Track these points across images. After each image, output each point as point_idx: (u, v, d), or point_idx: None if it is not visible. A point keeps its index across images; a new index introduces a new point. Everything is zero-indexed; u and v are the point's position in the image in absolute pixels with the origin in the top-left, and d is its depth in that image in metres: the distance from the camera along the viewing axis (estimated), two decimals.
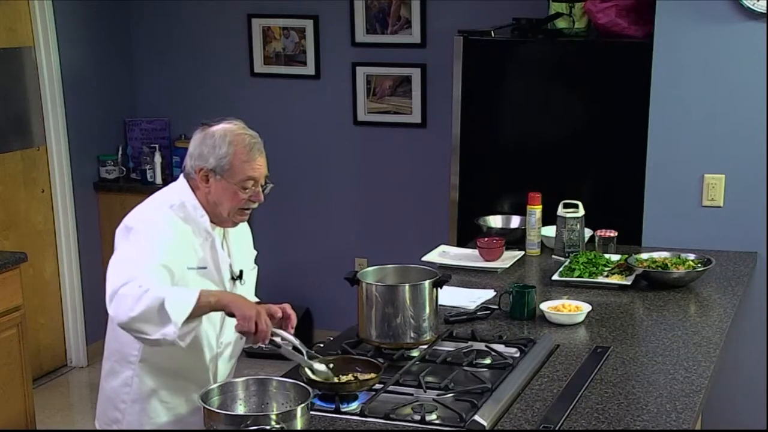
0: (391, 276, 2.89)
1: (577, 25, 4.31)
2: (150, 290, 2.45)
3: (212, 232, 2.71)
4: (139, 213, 2.69)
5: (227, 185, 2.67)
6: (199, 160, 2.68)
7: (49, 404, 4.99)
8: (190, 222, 2.68)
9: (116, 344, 2.75)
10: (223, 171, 2.66)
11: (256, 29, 5.61)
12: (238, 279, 2.79)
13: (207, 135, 2.69)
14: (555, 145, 4.25)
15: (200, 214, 2.69)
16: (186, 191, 2.71)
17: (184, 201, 2.69)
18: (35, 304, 5.11)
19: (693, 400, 2.54)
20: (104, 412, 2.82)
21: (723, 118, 3.87)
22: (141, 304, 2.43)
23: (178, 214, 2.67)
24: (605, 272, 3.54)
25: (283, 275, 5.83)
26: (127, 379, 2.74)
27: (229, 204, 2.69)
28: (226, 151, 2.65)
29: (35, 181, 5.29)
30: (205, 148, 2.67)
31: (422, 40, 5.33)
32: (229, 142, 2.67)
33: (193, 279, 2.65)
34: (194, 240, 2.68)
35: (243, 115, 5.92)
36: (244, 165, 2.67)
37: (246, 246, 2.92)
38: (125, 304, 2.45)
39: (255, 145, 2.71)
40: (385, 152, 5.55)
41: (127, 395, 2.75)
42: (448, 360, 2.75)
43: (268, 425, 2.19)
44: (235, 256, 2.81)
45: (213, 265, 2.71)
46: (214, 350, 2.76)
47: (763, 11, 3.72)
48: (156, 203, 2.72)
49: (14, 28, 5.11)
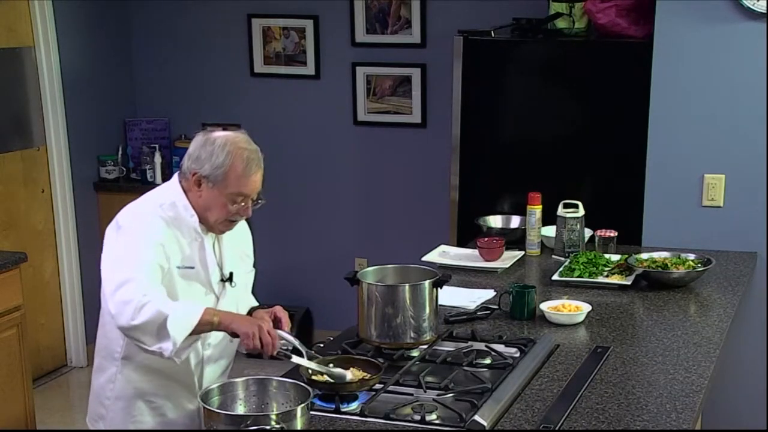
0: (391, 276, 2.89)
1: (577, 25, 4.31)
2: (153, 302, 2.47)
3: (201, 233, 2.70)
4: (129, 211, 2.70)
5: (218, 195, 2.65)
6: (196, 163, 2.66)
7: (49, 404, 4.99)
8: (180, 221, 2.67)
9: (104, 340, 2.76)
10: (216, 180, 2.64)
11: (256, 29, 5.61)
12: (228, 281, 2.78)
13: (208, 140, 2.67)
14: (555, 145, 4.25)
15: (190, 214, 2.68)
16: (178, 191, 2.70)
17: (175, 201, 2.68)
18: (35, 304, 5.11)
19: (693, 400, 2.54)
20: (91, 408, 2.84)
21: (723, 118, 3.87)
22: (142, 316, 2.47)
23: (168, 213, 2.67)
24: (605, 272, 3.54)
25: (283, 275, 5.83)
26: (111, 376, 2.75)
27: (216, 213, 2.68)
28: (223, 162, 2.63)
29: (35, 181, 5.29)
30: (204, 153, 2.65)
31: (422, 40, 5.33)
32: (228, 152, 2.63)
33: (180, 278, 2.66)
34: (182, 239, 2.67)
35: (243, 115, 5.98)
36: (238, 180, 2.64)
37: (241, 248, 2.88)
38: (127, 311, 2.48)
39: (253, 161, 2.66)
40: (385, 152, 5.55)
41: (111, 392, 2.75)
42: (448, 360, 2.75)
43: (268, 425, 2.19)
44: (227, 258, 2.79)
45: (200, 265, 2.71)
46: (200, 354, 2.75)
47: (763, 11, 3.72)
48: (147, 202, 2.72)
49: (14, 28, 5.10)
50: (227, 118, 5.72)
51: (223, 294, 2.77)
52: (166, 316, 2.46)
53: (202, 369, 2.77)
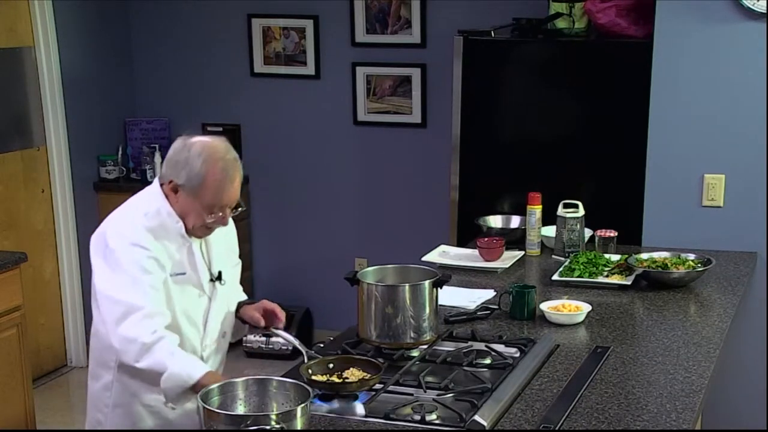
0: (391, 276, 2.89)
1: (577, 25, 4.31)
2: (158, 348, 2.51)
3: (188, 237, 2.69)
4: (115, 229, 2.65)
5: (194, 204, 2.62)
6: (173, 170, 2.62)
7: (49, 404, 4.98)
8: (166, 229, 2.65)
9: (98, 347, 2.74)
10: (192, 190, 2.60)
11: (256, 29, 5.61)
12: (217, 280, 2.77)
13: (185, 147, 2.62)
14: (555, 145, 4.25)
15: (175, 220, 2.66)
16: (160, 198, 2.67)
17: (159, 207, 2.66)
18: (35, 304, 5.11)
19: (693, 400, 2.54)
20: (90, 414, 2.83)
21: (723, 118, 3.86)
22: (146, 360, 2.52)
23: (153, 222, 2.64)
24: (605, 272, 3.54)
25: (283, 275, 5.83)
26: (107, 384, 2.74)
27: (193, 220, 2.65)
28: (198, 172, 2.58)
29: (35, 181, 5.29)
30: (180, 161, 2.61)
31: (422, 40, 5.33)
32: (203, 161, 2.58)
33: (173, 285, 2.65)
34: (170, 246, 2.65)
35: (243, 115, 5.97)
36: (214, 191, 2.60)
37: (227, 244, 2.87)
38: (132, 350, 2.53)
39: (229, 171, 2.61)
40: (385, 152, 5.55)
41: (108, 399, 2.74)
42: (448, 360, 2.75)
43: (268, 425, 2.19)
44: (215, 257, 2.78)
45: (191, 269, 2.70)
46: (198, 353, 2.75)
47: (763, 11, 3.72)
48: (131, 213, 2.68)
49: (14, 28, 5.10)
50: (227, 118, 5.72)
51: (214, 294, 2.77)
52: (163, 372, 2.50)
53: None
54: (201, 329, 2.75)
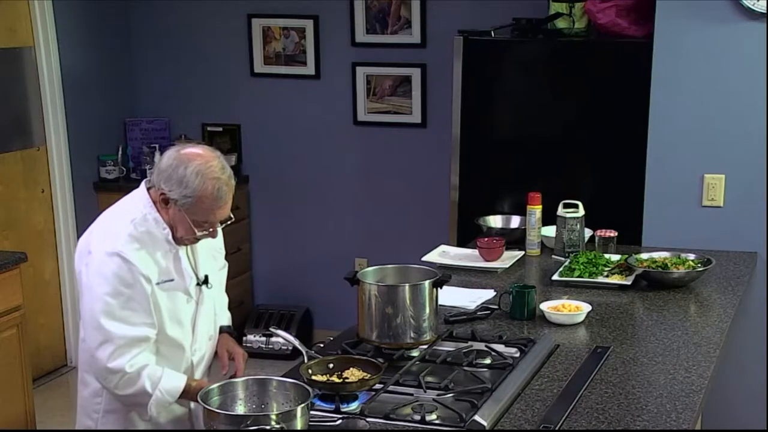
0: (391, 276, 2.89)
1: (577, 25, 4.31)
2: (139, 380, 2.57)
3: (175, 244, 2.68)
4: (99, 234, 2.64)
5: (184, 218, 2.62)
6: (166, 184, 2.60)
7: (49, 404, 4.98)
8: (152, 236, 2.63)
9: (86, 355, 2.71)
10: (184, 206, 2.59)
11: (256, 29, 5.61)
12: (204, 284, 2.77)
13: (181, 163, 2.58)
14: (555, 145, 4.25)
15: (162, 227, 2.64)
16: (148, 204, 2.65)
17: (146, 214, 2.64)
18: (35, 304, 5.11)
19: (693, 400, 2.54)
20: (79, 419, 2.81)
21: (723, 118, 3.86)
22: (126, 391, 2.59)
23: (140, 229, 2.62)
24: (605, 272, 3.54)
25: (283, 275, 5.83)
26: (97, 390, 2.72)
27: (182, 231, 2.65)
28: (192, 192, 2.56)
29: (35, 181, 5.29)
30: (174, 177, 2.58)
31: (422, 40, 5.33)
32: (200, 182, 2.56)
33: (161, 292, 2.64)
34: (157, 254, 2.64)
35: (243, 115, 5.96)
36: (207, 211, 2.60)
37: (213, 246, 2.85)
38: (112, 380, 2.58)
39: (224, 193, 2.60)
40: (385, 152, 5.55)
41: (98, 405, 2.73)
42: (448, 360, 2.75)
43: (268, 425, 2.19)
44: (201, 261, 2.77)
45: (177, 274, 2.68)
46: (189, 359, 2.75)
47: (763, 11, 3.72)
48: (118, 221, 2.65)
49: (14, 28, 5.10)
50: (227, 118, 5.72)
51: (201, 298, 2.76)
52: (147, 402, 2.58)
53: (192, 373, 2.76)
54: (190, 334, 2.74)
